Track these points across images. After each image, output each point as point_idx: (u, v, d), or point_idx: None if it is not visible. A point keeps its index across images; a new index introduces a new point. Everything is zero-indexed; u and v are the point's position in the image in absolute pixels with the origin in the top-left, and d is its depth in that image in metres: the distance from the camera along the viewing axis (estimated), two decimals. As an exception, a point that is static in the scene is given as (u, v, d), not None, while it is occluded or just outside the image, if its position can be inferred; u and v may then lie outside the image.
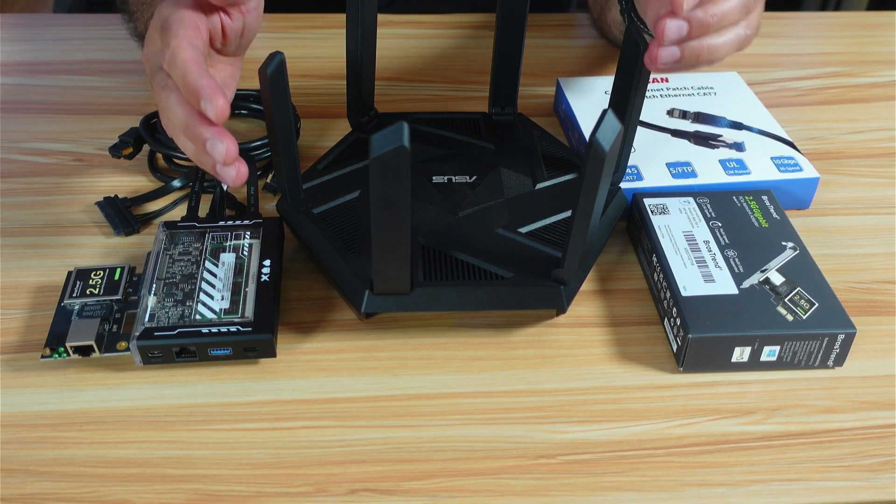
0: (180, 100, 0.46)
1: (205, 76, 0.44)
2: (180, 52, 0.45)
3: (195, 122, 0.45)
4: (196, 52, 0.46)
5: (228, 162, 0.45)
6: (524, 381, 0.49)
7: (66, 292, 0.51)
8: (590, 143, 0.42)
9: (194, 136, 0.45)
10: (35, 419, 0.46)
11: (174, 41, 0.46)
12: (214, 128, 0.45)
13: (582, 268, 0.52)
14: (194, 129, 0.45)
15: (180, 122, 0.46)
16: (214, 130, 0.45)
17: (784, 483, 0.44)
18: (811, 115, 0.74)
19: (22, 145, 0.67)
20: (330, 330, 0.52)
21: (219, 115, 0.44)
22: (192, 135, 0.45)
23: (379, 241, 0.45)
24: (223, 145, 0.45)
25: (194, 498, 0.43)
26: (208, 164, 0.46)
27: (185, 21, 0.47)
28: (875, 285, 0.56)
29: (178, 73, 0.45)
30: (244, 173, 0.46)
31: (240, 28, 0.51)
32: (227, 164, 0.45)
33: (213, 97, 0.43)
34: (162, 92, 0.47)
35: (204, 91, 0.44)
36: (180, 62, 0.45)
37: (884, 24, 0.90)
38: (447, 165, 0.59)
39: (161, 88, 0.47)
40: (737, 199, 0.58)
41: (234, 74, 0.54)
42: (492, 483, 0.44)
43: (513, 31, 0.61)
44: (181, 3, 0.48)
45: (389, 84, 0.76)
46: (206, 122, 0.45)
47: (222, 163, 0.45)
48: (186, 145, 0.47)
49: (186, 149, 0.47)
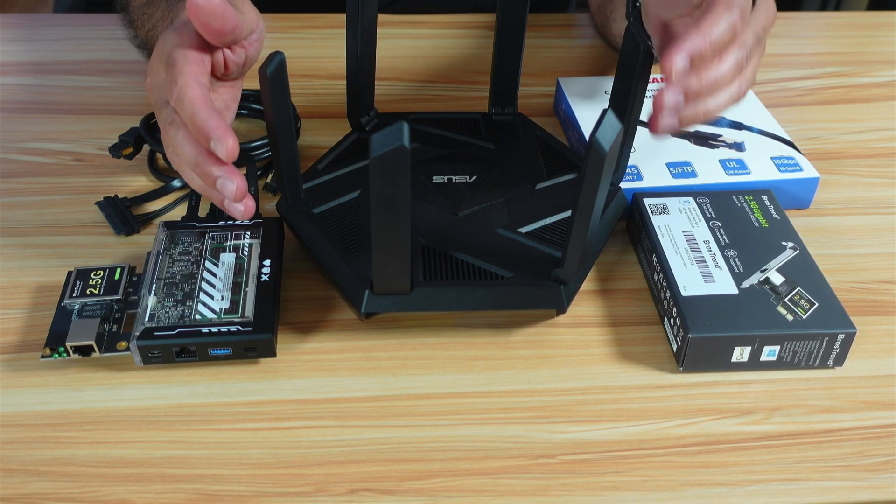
0: (188, 137, 0.46)
1: (213, 116, 0.45)
2: (188, 91, 0.45)
3: (205, 160, 0.46)
4: (203, 89, 0.46)
5: (238, 199, 0.47)
6: (524, 381, 0.49)
7: (66, 292, 0.51)
8: (590, 143, 0.42)
9: (204, 174, 0.46)
10: (35, 419, 0.46)
11: (181, 79, 0.46)
12: (224, 166, 0.46)
13: (582, 268, 0.52)
14: (204, 167, 0.46)
15: (189, 160, 0.47)
16: (224, 169, 0.46)
17: (784, 483, 0.44)
18: (811, 115, 0.74)
19: (22, 145, 0.67)
20: (330, 330, 0.52)
21: (229, 156, 0.45)
22: (202, 173, 0.47)
23: (379, 241, 0.45)
24: (233, 184, 0.46)
25: (194, 498, 0.43)
26: (216, 199, 0.47)
27: (190, 57, 0.48)
28: (875, 285, 0.56)
29: (187, 112, 0.45)
30: (251, 208, 0.47)
31: (242, 60, 0.52)
32: (236, 201, 0.47)
33: (224, 138, 0.44)
34: (170, 128, 0.47)
35: (214, 132, 0.44)
36: (188, 101, 0.45)
37: (884, 24, 0.90)
38: (447, 165, 0.59)
39: (168, 124, 0.47)
40: (737, 199, 0.58)
41: (235, 96, 0.54)
42: (492, 483, 0.44)
43: (513, 31, 0.61)
44: (184, 36, 0.49)
45: (389, 84, 0.76)
46: (216, 160, 0.46)
47: (232, 200, 0.46)
48: (194, 180, 0.48)
49: (194, 183, 0.48)
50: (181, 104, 0.46)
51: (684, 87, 0.47)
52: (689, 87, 0.47)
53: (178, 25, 0.50)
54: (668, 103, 0.47)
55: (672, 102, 0.47)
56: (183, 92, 0.46)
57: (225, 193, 0.46)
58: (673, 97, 0.47)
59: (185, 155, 0.47)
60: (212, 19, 0.46)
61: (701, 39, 0.46)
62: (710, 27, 0.46)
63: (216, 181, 0.46)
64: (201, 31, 0.47)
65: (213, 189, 0.47)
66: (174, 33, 0.49)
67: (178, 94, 0.46)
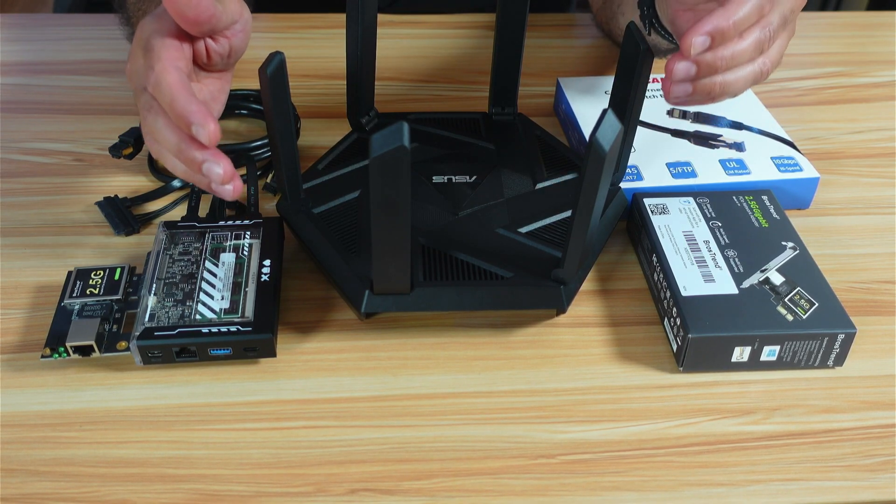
0: (169, 123, 0.46)
1: (192, 101, 0.44)
2: (165, 76, 0.45)
3: (188, 146, 0.45)
4: (180, 74, 0.46)
5: (226, 182, 0.46)
6: (524, 381, 0.49)
7: (66, 292, 0.51)
8: (590, 143, 0.42)
9: (188, 160, 0.46)
10: (35, 419, 0.46)
11: (158, 64, 0.46)
12: (208, 150, 0.45)
13: (582, 268, 0.52)
14: (188, 153, 0.46)
15: (171, 146, 0.46)
16: (209, 153, 0.45)
17: (784, 483, 0.44)
18: (811, 115, 0.74)
19: (22, 145, 0.67)
20: (330, 330, 0.52)
21: (211, 140, 0.44)
22: (186, 159, 0.46)
23: (379, 241, 0.45)
24: (220, 167, 0.45)
25: (194, 498, 0.43)
26: (203, 183, 0.46)
27: (167, 42, 0.47)
28: (875, 285, 0.56)
29: (165, 98, 0.45)
30: (240, 187, 0.47)
31: (226, 50, 0.51)
32: (224, 183, 0.46)
33: (204, 122, 0.44)
34: (148, 114, 0.47)
35: (194, 116, 0.44)
36: (166, 87, 0.45)
37: (884, 24, 0.90)
38: (447, 165, 0.59)
39: (147, 111, 0.47)
40: (737, 199, 0.58)
41: (223, 88, 0.53)
42: (492, 483, 0.44)
43: (513, 31, 0.61)
44: (163, 22, 0.48)
45: (389, 84, 0.76)
46: (199, 144, 0.45)
47: (220, 183, 0.46)
48: (177, 167, 0.47)
49: (177, 170, 0.47)
50: (159, 90, 0.45)
51: (697, 60, 0.46)
52: (703, 59, 0.46)
53: (158, 12, 0.49)
54: (677, 73, 0.47)
55: (682, 73, 0.47)
56: (160, 77, 0.45)
57: (212, 177, 0.46)
58: (684, 67, 0.47)
59: (167, 141, 0.46)
60: (186, 8, 0.46)
61: (724, 19, 0.46)
62: (736, 7, 0.46)
63: (201, 166, 0.45)
64: (177, 20, 0.47)
65: (199, 174, 0.46)
66: (153, 19, 0.49)
67: (155, 79, 0.45)
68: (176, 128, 0.46)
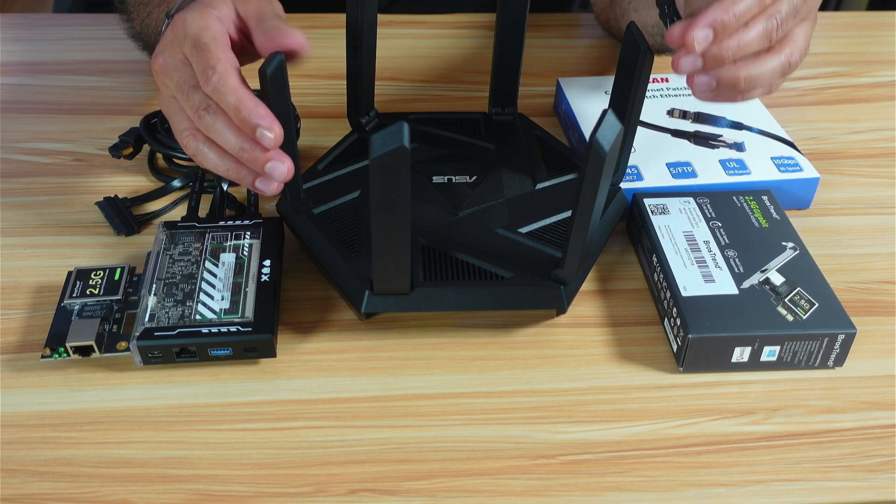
0: (230, 124, 0.46)
1: (259, 105, 0.45)
2: (229, 79, 0.45)
3: (252, 146, 0.46)
4: (241, 77, 0.46)
5: (288, 179, 0.47)
6: (524, 381, 0.49)
7: (66, 292, 0.51)
8: (590, 143, 0.42)
9: (251, 159, 0.47)
10: (35, 419, 0.46)
11: (220, 66, 0.46)
12: (270, 151, 0.46)
13: (582, 268, 0.52)
14: (251, 153, 0.46)
15: (232, 147, 0.47)
16: (273, 153, 0.46)
17: (784, 483, 0.44)
18: (811, 115, 0.74)
19: (22, 145, 0.67)
20: (330, 330, 0.52)
21: (278, 143, 0.46)
22: (250, 158, 0.47)
23: (379, 242, 0.45)
24: (284, 166, 0.47)
25: (194, 498, 0.43)
26: (247, 181, 0.48)
27: (221, 42, 0.47)
28: (875, 285, 0.56)
29: (229, 101, 0.45)
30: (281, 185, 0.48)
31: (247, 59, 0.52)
32: (287, 181, 0.47)
33: (271, 127, 0.45)
34: (205, 115, 0.47)
35: (262, 120, 0.45)
36: (231, 90, 0.45)
37: (884, 24, 0.90)
38: (447, 165, 0.59)
39: (203, 110, 0.47)
40: (737, 199, 0.58)
41: None
42: (492, 483, 0.44)
43: (513, 31, 0.61)
44: (210, 20, 0.48)
45: (389, 84, 0.76)
46: (261, 146, 0.46)
47: (282, 181, 0.47)
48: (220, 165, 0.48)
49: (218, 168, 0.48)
50: (221, 93, 0.45)
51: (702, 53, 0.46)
52: (709, 52, 0.46)
53: (199, 8, 0.49)
54: (683, 67, 0.46)
55: (688, 66, 0.46)
56: (224, 79, 0.45)
57: (275, 176, 0.47)
58: (688, 61, 0.46)
59: (228, 142, 0.47)
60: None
61: (723, 10, 0.45)
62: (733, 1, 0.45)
63: (265, 165, 0.46)
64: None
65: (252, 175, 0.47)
66: (198, 15, 0.48)
67: (218, 81, 0.45)
68: (238, 129, 0.46)
